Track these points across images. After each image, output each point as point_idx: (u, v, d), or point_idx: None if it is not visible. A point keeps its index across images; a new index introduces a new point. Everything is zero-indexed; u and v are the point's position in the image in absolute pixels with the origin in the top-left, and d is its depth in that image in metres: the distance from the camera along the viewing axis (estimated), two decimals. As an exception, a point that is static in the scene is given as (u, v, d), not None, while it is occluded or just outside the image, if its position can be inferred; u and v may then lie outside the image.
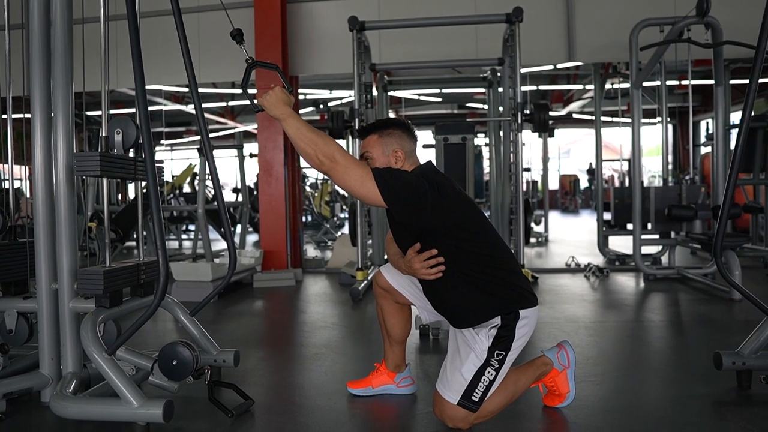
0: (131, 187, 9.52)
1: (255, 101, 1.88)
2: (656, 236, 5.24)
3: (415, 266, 1.86)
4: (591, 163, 15.47)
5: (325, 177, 12.56)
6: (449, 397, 1.82)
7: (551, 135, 9.45)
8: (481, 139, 8.93)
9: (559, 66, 8.11)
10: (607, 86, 7.60)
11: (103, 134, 2.16)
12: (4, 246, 2.40)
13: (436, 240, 1.83)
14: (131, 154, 2.23)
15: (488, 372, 1.81)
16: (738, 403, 2.16)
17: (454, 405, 1.81)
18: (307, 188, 11.26)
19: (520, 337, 1.85)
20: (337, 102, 10.99)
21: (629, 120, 5.16)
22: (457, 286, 1.86)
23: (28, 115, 2.19)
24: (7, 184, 2.67)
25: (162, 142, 9.61)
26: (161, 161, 2.49)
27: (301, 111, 6.57)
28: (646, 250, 5.15)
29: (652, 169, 14.08)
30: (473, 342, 1.84)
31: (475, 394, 1.80)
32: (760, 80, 2.14)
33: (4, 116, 2.50)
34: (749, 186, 6.50)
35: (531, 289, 1.91)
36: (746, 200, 6.37)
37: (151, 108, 10.00)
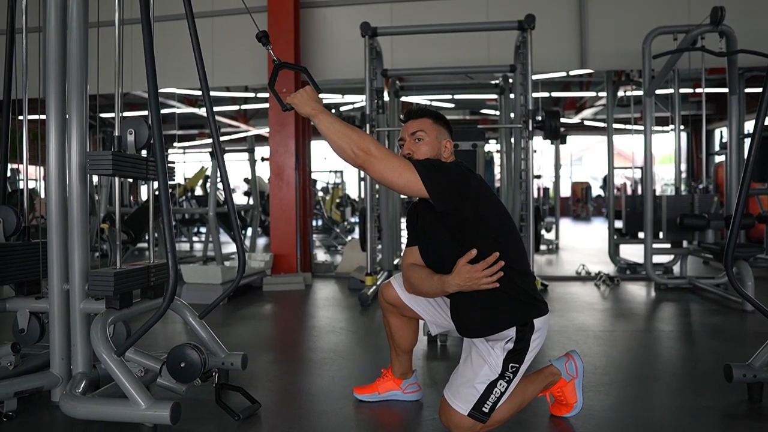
0: (144, 188, 9.60)
1: (284, 100, 1.88)
2: (668, 245, 5.20)
3: (477, 275, 1.72)
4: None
5: (336, 181, 12.71)
6: (459, 408, 1.79)
7: (563, 142, 9.42)
8: (493, 146, 8.93)
9: (571, 73, 8.09)
10: (620, 94, 7.57)
11: (116, 134, 2.19)
12: (17, 246, 2.42)
13: (473, 238, 1.77)
14: (143, 155, 2.25)
15: (500, 384, 1.79)
16: (748, 417, 2.13)
17: (463, 415, 1.79)
18: (318, 192, 11.30)
19: (534, 348, 1.83)
20: (349, 107, 11.02)
21: (642, 128, 5.13)
22: (480, 293, 1.78)
23: (43, 117, 2.22)
24: (22, 185, 2.71)
25: (175, 144, 9.70)
26: (173, 162, 2.51)
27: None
28: (657, 259, 5.11)
29: (665, 177, 13.98)
30: (488, 355, 1.80)
31: (486, 405, 1.78)
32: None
33: (20, 117, 2.54)
34: (764, 196, 6.43)
35: (541, 296, 1.90)
36: (761, 210, 6.31)
37: (164, 111, 10.10)
